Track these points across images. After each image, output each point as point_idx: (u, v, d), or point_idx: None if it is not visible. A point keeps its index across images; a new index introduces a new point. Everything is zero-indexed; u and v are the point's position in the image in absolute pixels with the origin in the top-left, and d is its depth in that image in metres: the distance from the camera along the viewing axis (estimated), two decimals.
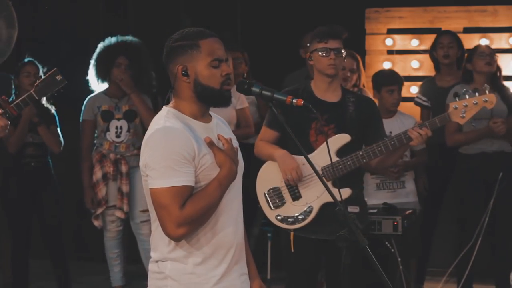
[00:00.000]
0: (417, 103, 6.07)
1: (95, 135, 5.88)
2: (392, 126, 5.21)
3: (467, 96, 4.17)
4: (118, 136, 5.79)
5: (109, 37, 5.95)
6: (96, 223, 5.84)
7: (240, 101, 5.94)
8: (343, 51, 4.22)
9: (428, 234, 6.03)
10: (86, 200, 5.80)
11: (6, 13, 5.67)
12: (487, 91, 4.20)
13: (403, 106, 6.20)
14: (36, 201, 5.76)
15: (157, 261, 2.76)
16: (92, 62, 5.88)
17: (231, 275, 2.77)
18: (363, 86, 5.92)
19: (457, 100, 4.18)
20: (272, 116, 4.32)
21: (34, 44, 7.20)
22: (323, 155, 4.10)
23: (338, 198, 4.16)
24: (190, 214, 2.62)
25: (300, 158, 4.14)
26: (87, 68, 5.93)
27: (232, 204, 2.79)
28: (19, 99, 4.38)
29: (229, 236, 2.76)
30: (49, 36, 7.25)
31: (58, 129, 5.80)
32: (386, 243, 4.91)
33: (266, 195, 4.29)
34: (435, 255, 6.18)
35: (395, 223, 4.85)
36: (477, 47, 5.64)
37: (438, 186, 5.99)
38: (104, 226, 5.89)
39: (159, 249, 2.75)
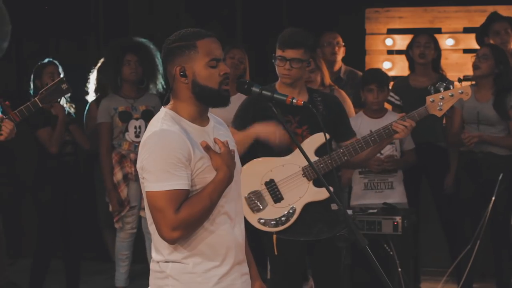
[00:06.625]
0: (388, 102, 5.98)
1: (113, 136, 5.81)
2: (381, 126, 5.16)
3: (442, 89, 4.16)
4: (137, 136, 5.73)
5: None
6: (117, 225, 5.82)
7: None
8: (302, 61, 4.06)
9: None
10: (112, 202, 5.74)
11: None
12: (461, 84, 4.22)
13: None
14: (67, 200, 5.72)
15: (158, 262, 2.77)
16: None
17: (232, 275, 2.77)
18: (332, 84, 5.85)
19: (433, 93, 4.16)
20: (240, 118, 4.18)
21: (33, 44, 7.21)
22: (302, 155, 4.05)
23: (319, 198, 4.12)
24: (185, 217, 2.63)
25: (280, 160, 4.09)
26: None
27: (231, 205, 2.79)
28: (23, 106, 4.40)
29: (229, 236, 2.76)
30: (48, 36, 7.25)
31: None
32: (385, 245, 4.90)
33: (247, 199, 4.16)
34: (434, 255, 6.17)
35: (395, 223, 4.85)
36: None
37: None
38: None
39: (160, 251, 2.75)
